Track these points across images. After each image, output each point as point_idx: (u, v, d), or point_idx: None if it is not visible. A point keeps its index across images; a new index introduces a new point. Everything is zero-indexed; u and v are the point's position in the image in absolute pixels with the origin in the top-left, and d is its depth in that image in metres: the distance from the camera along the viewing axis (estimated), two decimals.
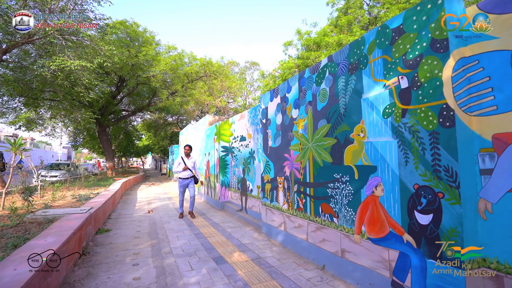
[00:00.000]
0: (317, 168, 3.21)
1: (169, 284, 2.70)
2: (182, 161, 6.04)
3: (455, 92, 1.91)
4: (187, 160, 6.05)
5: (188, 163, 6.03)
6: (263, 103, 4.72)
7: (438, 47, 1.96)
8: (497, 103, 1.81)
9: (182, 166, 6.01)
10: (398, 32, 2.27)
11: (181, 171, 6.00)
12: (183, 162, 6.00)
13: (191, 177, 6.05)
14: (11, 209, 4.19)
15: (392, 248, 2.27)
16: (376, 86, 2.45)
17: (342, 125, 2.84)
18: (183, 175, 5.99)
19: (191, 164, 6.09)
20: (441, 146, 1.92)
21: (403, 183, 2.18)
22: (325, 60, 3.15)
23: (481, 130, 1.88)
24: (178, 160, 6.20)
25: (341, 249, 2.83)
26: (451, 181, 1.85)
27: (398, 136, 2.23)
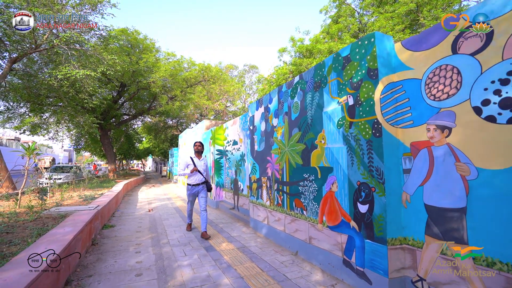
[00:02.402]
0: (292, 169, 3.77)
1: (165, 266, 3.26)
2: (191, 161, 4.68)
3: (383, 110, 2.48)
4: (197, 161, 4.72)
5: (199, 164, 4.70)
6: (250, 112, 5.29)
7: (372, 74, 2.54)
8: (413, 118, 2.37)
9: (190, 168, 4.65)
10: (347, 60, 2.84)
11: (189, 175, 4.62)
12: (192, 163, 4.65)
13: (202, 183, 4.63)
14: (28, 207, 4.75)
15: (343, 233, 2.83)
16: (332, 102, 3.03)
17: (309, 133, 3.41)
18: (192, 180, 4.61)
19: (202, 166, 4.72)
20: (373, 151, 2.49)
21: (350, 180, 2.75)
22: (297, 78, 3.73)
23: (404, 139, 2.45)
24: (185, 160, 4.77)
25: (309, 236, 3.38)
26: (379, 178, 2.41)
27: (347, 143, 2.80)
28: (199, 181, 4.62)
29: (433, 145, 2.22)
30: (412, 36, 2.53)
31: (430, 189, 2.22)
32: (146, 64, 14.31)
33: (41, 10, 8.36)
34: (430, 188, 2.22)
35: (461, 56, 2.05)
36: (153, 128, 27.10)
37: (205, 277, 2.93)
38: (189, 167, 4.68)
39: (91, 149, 25.09)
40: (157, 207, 8.00)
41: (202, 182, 4.64)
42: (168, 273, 3.06)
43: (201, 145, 4.87)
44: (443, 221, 2.12)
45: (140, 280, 2.84)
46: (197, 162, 4.71)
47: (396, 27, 10.61)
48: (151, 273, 3.04)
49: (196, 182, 4.61)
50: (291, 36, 14.20)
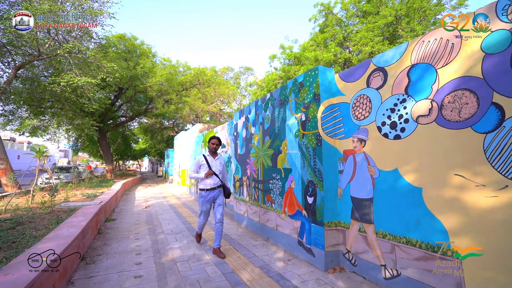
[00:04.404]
0: (264, 169, 4.57)
1: (160, 248, 4.04)
2: (205, 161, 3.81)
3: (323, 125, 3.29)
4: (212, 161, 3.84)
5: (214, 164, 3.83)
6: (234, 120, 6.09)
7: (316, 98, 3.35)
8: (345, 132, 3.19)
9: (204, 170, 3.79)
10: (301, 85, 3.65)
11: (202, 179, 3.77)
12: (207, 164, 3.78)
13: (218, 187, 3.80)
14: (40, 203, 5.49)
15: (298, 219, 3.64)
16: (292, 117, 3.83)
17: (277, 140, 4.21)
18: (205, 184, 3.75)
19: (218, 166, 3.85)
20: (316, 157, 3.29)
21: (302, 179, 3.55)
22: (269, 95, 4.53)
23: (340, 147, 3.26)
24: (197, 160, 3.89)
25: (276, 224, 4.19)
26: (320, 177, 3.22)
27: (301, 150, 3.60)
28: (214, 185, 3.75)
29: (356, 152, 3.03)
30: (346, 70, 3.34)
31: (354, 185, 3.04)
32: (143, 69, 15.04)
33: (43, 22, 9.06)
34: (354, 184, 3.04)
35: (371, 89, 2.87)
36: (150, 129, 27.75)
37: (191, 255, 3.72)
38: (202, 168, 3.82)
39: (89, 150, 25.68)
40: (153, 204, 8.75)
41: (218, 185, 3.78)
42: (162, 252, 3.84)
43: (219, 142, 3.89)
44: (360, 208, 2.94)
45: (140, 257, 3.62)
46: (211, 162, 3.83)
47: (375, 38, 11.48)
48: (148, 253, 3.82)
49: (211, 185, 3.73)
50: (281, 43, 15.02)
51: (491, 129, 1.91)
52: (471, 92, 2.03)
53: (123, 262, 3.44)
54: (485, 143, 1.94)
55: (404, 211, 2.48)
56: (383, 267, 2.66)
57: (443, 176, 2.18)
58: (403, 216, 2.49)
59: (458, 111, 2.11)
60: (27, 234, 3.41)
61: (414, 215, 2.39)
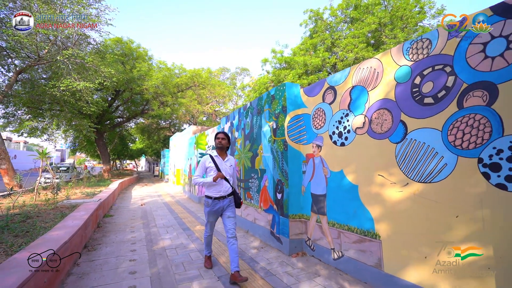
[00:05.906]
0: (245, 170, 5.16)
1: (152, 239, 4.62)
2: (212, 163, 3.13)
3: (289, 133, 3.89)
4: (221, 162, 3.18)
5: (223, 166, 3.15)
6: (222, 124, 6.67)
7: (284, 110, 3.94)
8: (307, 139, 3.79)
9: (212, 173, 3.10)
10: (273, 98, 4.25)
11: (210, 184, 3.07)
12: (214, 165, 3.10)
13: (229, 195, 3.11)
14: (44, 200, 6.04)
15: (270, 213, 4.23)
16: (266, 125, 4.43)
17: (255, 145, 4.80)
18: (213, 191, 3.08)
19: (228, 169, 3.18)
20: (284, 159, 3.89)
21: (273, 178, 4.15)
22: (249, 104, 5.12)
23: (303, 152, 3.86)
24: (203, 162, 3.19)
25: (254, 218, 4.78)
26: (286, 176, 3.82)
27: (272, 153, 4.20)
28: (224, 192, 3.08)
29: (315, 156, 3.63)
30: (308, 86, 3.93)
31: (313, 183, 3.64)
32: (139, 72, 15.56)
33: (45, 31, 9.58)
34: (313, 183, 3.64)
35: (325, 104, 3.47)
36: (146, 130, 28.22)
37: (179, 244, 4.31)
38: (209, 171, 3.13)
39: (86, 150, 26.13)
40: (148, 202, 9.32)
41: (228, 193, 3.10)
42: (154, 242, 4.42)
43: (226, 137, 3.23)
44: (317, 202, 3.54)
45: (134, 246, 4.20)
46: (220, 164, 3.15)
47: (360, 45, 12.10)
48: (142, 242, 4.40)
49: (221, 193, 3.06)
50: (272, 48, 15.60)
51: (399, 140, 2.52)
52: (389, 111, 2.64)
53: (120, 249, 4.02)
54: (396, 150, 2.54)
55: (346, 204, 3.09)
56: (332, 250, 3.27)
57: (371, 176, 2.79)
58: (346, 208, 3.10)
59: (380, 125, 2.72)
60: (37, 225, 3.97)
61: (353, 207, 2.99)
